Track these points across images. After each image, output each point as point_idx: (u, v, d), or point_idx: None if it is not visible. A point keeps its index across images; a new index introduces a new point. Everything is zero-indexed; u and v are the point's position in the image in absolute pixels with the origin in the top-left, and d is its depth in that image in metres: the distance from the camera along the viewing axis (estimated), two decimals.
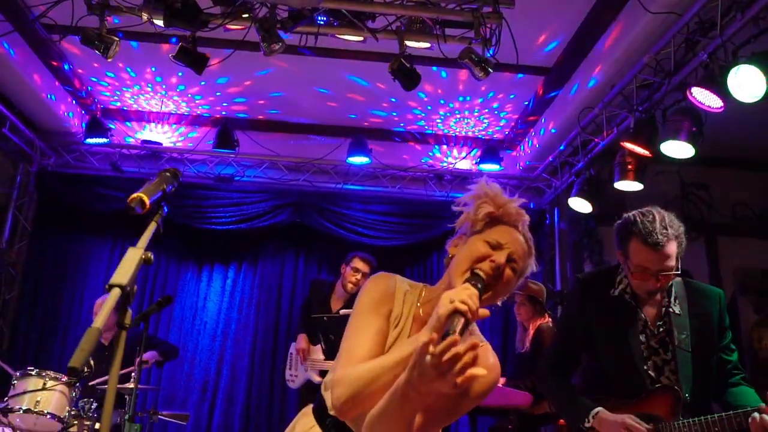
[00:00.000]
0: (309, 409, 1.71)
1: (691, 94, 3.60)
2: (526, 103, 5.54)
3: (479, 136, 6.18)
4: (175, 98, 5.71)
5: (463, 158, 6.07)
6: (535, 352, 4.41)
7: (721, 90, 3.36)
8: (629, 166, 4.43)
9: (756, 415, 1.97)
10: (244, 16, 3.56)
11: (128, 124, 6.04)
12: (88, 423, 3.93)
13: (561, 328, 2.60)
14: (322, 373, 4.26)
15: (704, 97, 3.55)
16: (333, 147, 5.95)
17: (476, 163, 5.86)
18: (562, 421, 3.73)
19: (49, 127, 5.69)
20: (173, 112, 5.96)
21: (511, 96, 5.46)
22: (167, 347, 4.58)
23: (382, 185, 6.15)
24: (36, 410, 3.61)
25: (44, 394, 3.65)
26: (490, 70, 3.55)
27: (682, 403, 2.17)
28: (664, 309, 2.32)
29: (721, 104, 3.47)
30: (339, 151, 5.89)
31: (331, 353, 4.04)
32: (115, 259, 5.88)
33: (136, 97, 5.70)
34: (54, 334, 5.61)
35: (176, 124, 6.07)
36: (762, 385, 6.06)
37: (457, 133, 6.16)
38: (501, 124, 5.97)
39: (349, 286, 4.59)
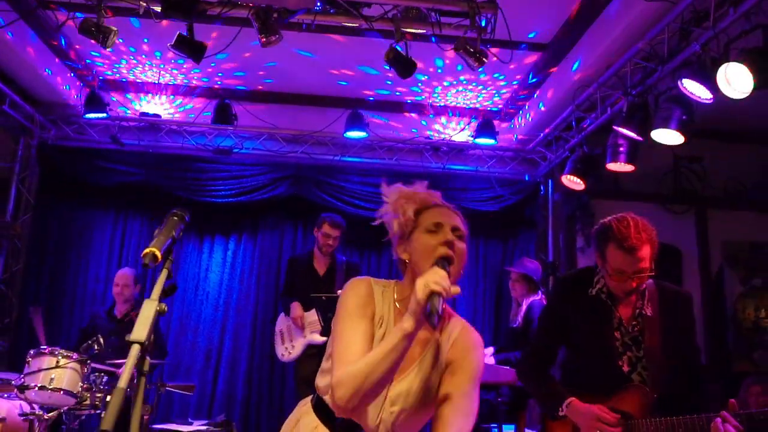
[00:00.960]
0: (308, 406, 1.83)
1: (683, 84, 3.65)
2: (523, 78, 5.55)
3: (476, 107, 6.20)
4: (173, 71, 5.71)
5: (462, 130, 6.11)
6: (527, 326, 4.62)
7: (711, 84, 3.43)
8: (621, 149, 4.51)
9: (719, 421, 2.12)
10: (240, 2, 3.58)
11: (127, 96, 6.06)
12: (99, 395, 4.14)
13: (541, 324, 2.74)
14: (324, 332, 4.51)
15: (695, 89, 3.60)
16: (331, 119, 5.99)
17: (472, 136, 5.92)
18: None
19: (48, 100, 5.73)
20: (171, 83, 5.97)
21: (508, 70, 5.47)
22: (159, 344, 4.70)
23: (379, 157, 6.23)
24: (51, 387, 3.79)
25: (58, 371, 3.83)
26: (485, 60, 3.60)
27: (652, 402, 2.33)
28: (637, 310, 2.45)
29: (711, 97, 3.53)
30: (337, 124, 5.93)
31: (327, 330, 4.23)
32: (119, 230, 6.02)
33: (133, 69, 5.71)
34: (61, 303, 5.80)
35: (174, 95, 6.10)
36: (743, 353, 6.28)
37: (454, 104, 6.19)
38: (497, 99, 5.99)
39: (324, 249, 4.93)
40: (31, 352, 3.95)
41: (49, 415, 3.89)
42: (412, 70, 3.75)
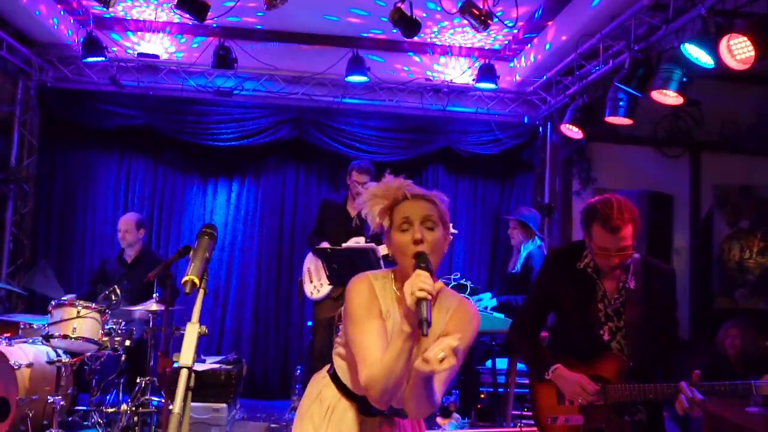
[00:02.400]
0: (327, 379, 2.00)
1: (685, 47, 3.67)
2: (526, 20, 5.47)
3: (477, 46, 6.13)
4: (172, 12, 5.58)
5: (463, 73, 6.08)
6: (526, 274, 4.85)
7: (713, 51, 3.46)
8: (620, 103, 4.55)
9: (682, 396, 2.36)
10: None
11: (128, 34, 5.95)
12: (118, 339, 4.42)
13: (532, 292, 2.95)
14: None
15: (697, 54, 3.63)
16: (331, 59, 5.94)
17: (474, 80, 5.90)
18: None
19: (44, 41, 5.64)
20: (168, 21, 5.85)
21: (511, 10, 5.37)
22: (172, 286, 4.82)
23: (380, 98, 6.23)
24: (74, 336, 4.04)
25: (79, 321, 4.07)
26: (490, 22, 3.59)
27: (628, 369, 2.56)
28: (621, 284, 2.63)
29: (713, 64, 3.57)
30: (337, 66, 5.89)
31: (332, 279, 4.43)
32: (123, 173, 6.11)
33: (129, 7, 5.59)
34: (71, 244, 5.98)
35: (172, 34, 5.99)
36: (726, 292, 6.58)
37: (454, 44, 6.12)
38: (499, 39, 5.92)
39: (356, 195, 4.96)
40: (53, 303, 4.17)
41: (74, 360, 4.16)
42: (416, 29, 3.73)
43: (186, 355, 1.48)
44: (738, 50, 3.27)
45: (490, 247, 6.32)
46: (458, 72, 6.10)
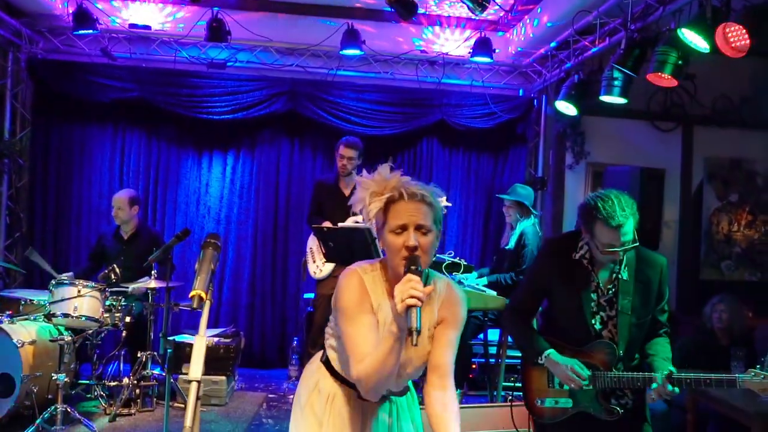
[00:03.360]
0: (323, 369, 2.07)
1: (681, 32, 3.68)
2: None
3: (473, 17, 6.07)
4: None
5: (459, 47, 6.04)
6: (519, 250, 4.94)
7: (709, 37, 3.47)
8: (615, 82, 4.57)
9: (659, 378, 2.46)
10: None
11: (113, 4, 5.85)
12: (118, 315, 4.50)
13: (527, 279, 3.03)
14: None
15: (693, 38, 3.64)
16: (325, 30, 5.88)
17: (469, 53, 5.87)
18: None
19: (33, 11, 5.55)
20: None
21: None
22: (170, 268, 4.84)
23: (375, 70, 6.20)
24: (75, 315, 4.12)
25: (79, 300, 4.14)
26: (486, 4, 3.57)
27: (617, 357, 2.67)
28: (615, 275, 2.70)
29: (708, 49, 3.58)
30: (332, 38, 5.83)
31: (329, 256, 4.51)
32: (118, 146, 6.08)
33: None
34: (68, 218, 5.99)
35: (164, 4, 5.90)
36: (713, 263, 6.70)
37: (450, 15, 6.06)
38: (496, 8, 5.85)
39: (341, 170, 5.15)
40: (53, 282, 4.22)
41: (76, 337, 4.24)
42: (413, 12, 3.71)
43: (195, 369, 1.53)
44: (734, 38, 3.29)
45: (483, 219, 6.40)
46: (454, 44, 6.05)
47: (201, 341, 1.61)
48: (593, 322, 2.67)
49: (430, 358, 1.96)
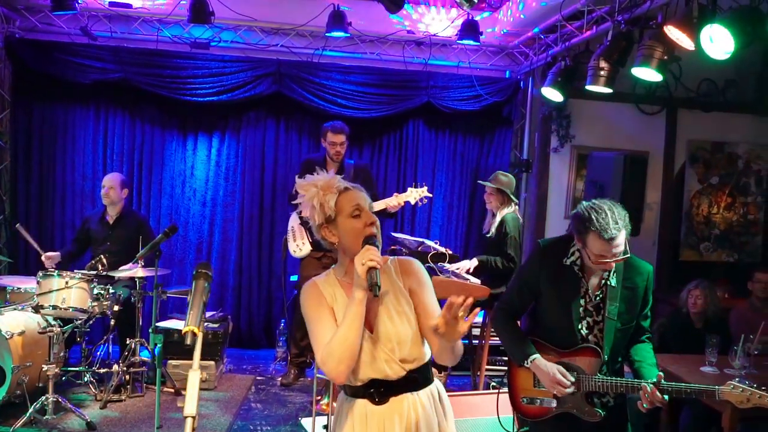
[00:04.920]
0: (349, 399, 2.06)
1: (667, 29, 3.69)
2: None
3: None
4: None
5: (445, 28, 5.98)
6: (499, 238, 5.00)
7: (694, 37, 3.48)
8: (602, 72, 4.57)
9: (648, 387, 2.56)
10: None
11: None
12: (106, 303, 4.53)
13: (516, 280, 3.07)
14: None
15: (677, 37, 3.65)
16: (310, 9, 5.79)
17: (456, 35, 5.82)
18: None
19: None
20: None
21: None
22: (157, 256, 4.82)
23: (361, 51, 6.14)
24: (63, 306, 4.14)
25: (67, 291, 4.15)
26: (475, 1, 3.54)
27: (602, 362, 2.76)
28: (603, 281, 2.78)
29: (693, 47, 3.60)
30: (318, 18, 5.74)
31: (316, 245, 4.54)
32: (101, 128, 6.00)
33: None
34: (51, 199, 5.94)
35: None
36: (692, 245, 6.84)
37: None
38: None
39: (335, 157, 5.17)
40: (40, 274, 4.23)
41: (65, 328, 4.28)
42: (400, 5, 3.67)
43: (189, 405, 1.58)
44: (718, 40, 3.30)
45: (468, 201, 6.45)
46: (441, 25, 6.00)
47: (195, 376, 1.64)
48: (580, 327, 2.74)
49: (422, 328, 2.04)
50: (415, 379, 2.05)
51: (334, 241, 2.01)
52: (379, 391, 2.02)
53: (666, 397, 2.53)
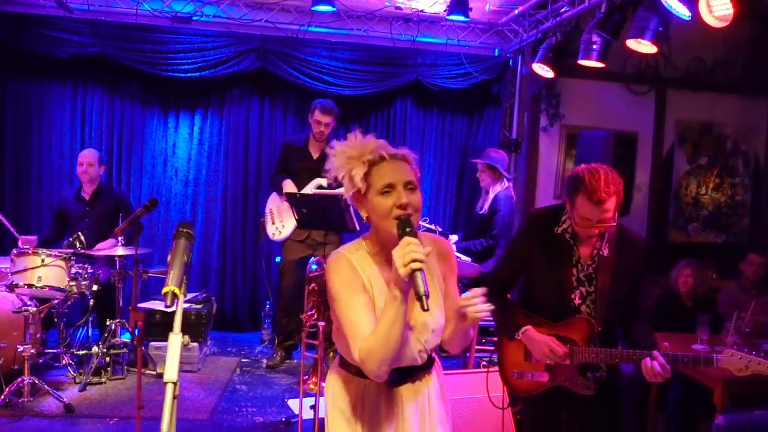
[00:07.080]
0: (343, 372, 1.94)
1: None
2: None
3: None
4: None
5: (434, 4, 5.85)
6: (492, 214, 4.94)
7: (691, 4, 3.40)
8: (594, 47, 4.49)
9: (648, 359, 2.49)
10: None
11: None
12: (84, 283, 4.38)
13: (507, 252, 2.99)
14: None
15: (674, 5, 3.57)
16: None
17: (445, 11, 5.70)
18: None
19: None
20: None
21: None
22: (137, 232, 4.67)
23: (347, 27, 6.00)
24: (39, 285, 3.99)
25: (43, 269, 4.00)
26: None
27: (596, 333, 2.69)
28: (595, 251, 2.71)
29: (690, 16, 3.52)
30: None
31: (302, 223, 4.41)
32: (78, 105, 5.80)
33: None
34: (28, 179, 5.74)
35: None
36: (680, 226, 6.83)
37: None
38: None
39: (318, 136, 5.02)
40: (14, 252, 4.07)
41: (41, 308, 4.12)
42: None
43: (170, 369, 1.46)
44: (717, 7, 3.23)
45: (456, 181, 6.36)
46: (430, 1, 5.86)
47: (176, 339, 1.52)
48: (572, 297, 2.68)
49: (447, 312, 1.91)
50: (432, 360, 1.99)
51: (364, 215, 1.82)
52: (399, 373, 1.87)
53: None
